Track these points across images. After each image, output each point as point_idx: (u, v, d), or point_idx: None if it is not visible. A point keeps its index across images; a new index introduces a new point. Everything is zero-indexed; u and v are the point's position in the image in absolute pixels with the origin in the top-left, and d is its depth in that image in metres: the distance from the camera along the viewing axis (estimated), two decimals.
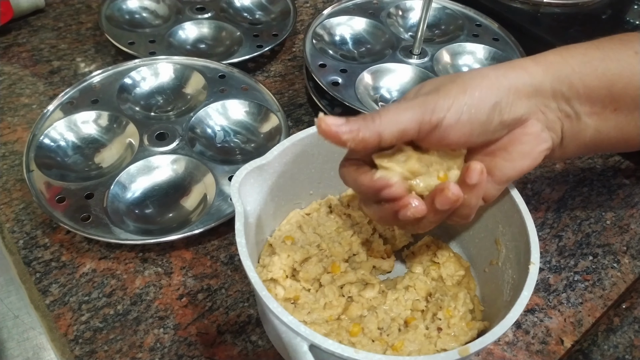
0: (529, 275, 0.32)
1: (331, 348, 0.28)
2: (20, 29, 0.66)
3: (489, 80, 0.32)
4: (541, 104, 0.34)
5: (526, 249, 0.34)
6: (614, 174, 0.55)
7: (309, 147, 0.40)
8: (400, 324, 0.38)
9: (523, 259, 0.34)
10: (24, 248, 0.44)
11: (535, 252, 0.33)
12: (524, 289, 0.32)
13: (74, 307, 0.41)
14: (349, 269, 0.41)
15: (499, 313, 0.35)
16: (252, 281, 0.31)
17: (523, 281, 0.32)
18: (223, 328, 0.40)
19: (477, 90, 0.32)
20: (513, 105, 0.32)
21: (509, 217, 0.37)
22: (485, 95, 0.32)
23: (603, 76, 0.34)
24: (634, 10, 0.69)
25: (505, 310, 0.31)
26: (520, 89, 0.33)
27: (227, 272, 0.44)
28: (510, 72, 0.33)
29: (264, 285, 0.31)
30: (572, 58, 0.34)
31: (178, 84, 0.56)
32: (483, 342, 0.29)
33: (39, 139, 0.48)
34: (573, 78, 0.33)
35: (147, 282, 0.43)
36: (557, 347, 0.41)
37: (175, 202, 0.46)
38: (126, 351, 0.38)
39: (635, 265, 0.47)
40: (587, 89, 0.34)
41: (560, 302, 0.44)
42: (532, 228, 0.35)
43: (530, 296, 0.43)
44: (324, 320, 0.38)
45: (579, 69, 0.34)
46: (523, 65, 0.34)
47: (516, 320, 0.30)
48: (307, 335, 0.28)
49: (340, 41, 0.62)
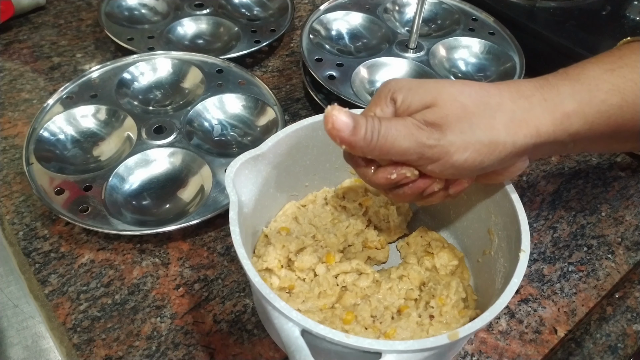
0: (519, 262, 0.33)
1: (322, 333, 0.28)
2: (21, 26, 0.67)
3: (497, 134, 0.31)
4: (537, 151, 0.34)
5: (517, 237, 0.34)
6: (609, 166, 0.55)
7: (303, 139, 0.41)
8: (393, 312, 0.38)
9: (514, 247, 0.35)
10: (24, 239, 0.45)
11: (525, 239, 0.34)
12: (514, 276, 0.32)
13: (72, 297, 0.41)
14: (343, 259, 0.41)
15: (491, 301, 0.35)
16: (245, 268, 0.31)
17: (513, 269, 0.33)
18: (219, 317, 0.41)
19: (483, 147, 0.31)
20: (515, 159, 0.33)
21: (501, 207, 0.37)
22: (491, 151, 0.31)
23: (608, 118, 0.33)
24: (634, 6, 0.69)
25: (497, 298, 0.32)
26: (525, 149, 0.32)
27: (223, 262, 0.44)
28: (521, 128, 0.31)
29: (258, 274, 0.31)
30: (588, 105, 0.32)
31: (176, 79, 0.56)
32: (472, 327, 0.29)
33: (38, 132, 0.49)
34: (582, 129, 0.32)
35: (144, 273, 0.43)
36: (550, 336, 0.41)
37: (172, 194, 0.47)
38: (123, 339, 0.39)
39: (629, 256, 0.47)
40: (590, 132, 0.33)
41: (554, 292, 0.44)
42: (523, 216, 0.35)
43: (524, 286, 0.44)
44: (318, 308, 0.38)
45: (592, 116, 0.32)
46: (535, 118, 0.32)
47: (507, 307, 0.31)
48: (298, 321, 0.29)
49: (336, 36, 0.63)
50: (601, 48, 0.59)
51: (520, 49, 0.59)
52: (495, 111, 0.31)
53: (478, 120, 0.31)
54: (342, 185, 0.46)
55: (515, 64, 0.58)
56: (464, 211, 0.42)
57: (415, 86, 0.33)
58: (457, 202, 0.43)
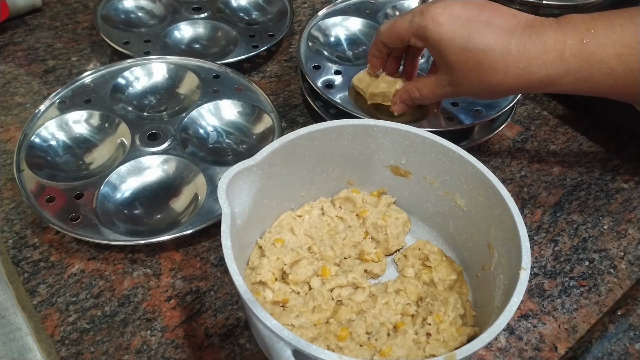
0: (519, 281, 0.32)
1: (314, 353, 0.28)
2: (17, 28, 0.66)
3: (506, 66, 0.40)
4: None
5: (517, 254, 0.33)
6: (612, 178, 0.54)
7: (299, 149, 0.40)
8: (389, 329, 0.37)
9: (514, 264, 0.34)
10: (13, 248, 0.44)
11: (526, 257, 0.33)
12: (514, 295, 0.31)
13: (61, 308, 0.40)
14: (339, 272, 0.40)
15: (490, 319, 0.34)
16: (236, 284, 0.30)
17: (513, 287, 0.32)
18: (211, 331, 0.40)
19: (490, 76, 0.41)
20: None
21: (501, 222, 0.37)
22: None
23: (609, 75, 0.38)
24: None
25: (495, 317, 0.31)
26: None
27: (216, 274, 0.43)
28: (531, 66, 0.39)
29: (251, 287, 0.30)
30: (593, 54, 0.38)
31: (172, 84, 0.56)
32: (470, 349, 0.29)
33: (30, 138, 0.48)
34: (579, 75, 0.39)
35: (135, 284, 0.42)
36: (550, 353, 0.40)
37: (165, 203, 0.46)
38: (112, 353, 0.38)
39: (632, 271, 0.46)
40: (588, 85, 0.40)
41: (555, 308, 0.43)
42: (524, 233, 0.34)
43: (525, 301, 0.43)
44: (312, 323, 0.37)
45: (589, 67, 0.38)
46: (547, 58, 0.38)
47: (506, 326, 0.30)
48: (290, 340, 0.28)
49: (335, 42, 0.62)
50: None
51: None
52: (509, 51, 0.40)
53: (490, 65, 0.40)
54: (338, 195, 0.45)
55: None
56: (464, 224, 0.41)
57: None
58: (456, 214, 0.42)
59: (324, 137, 0.40)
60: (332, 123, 0.40)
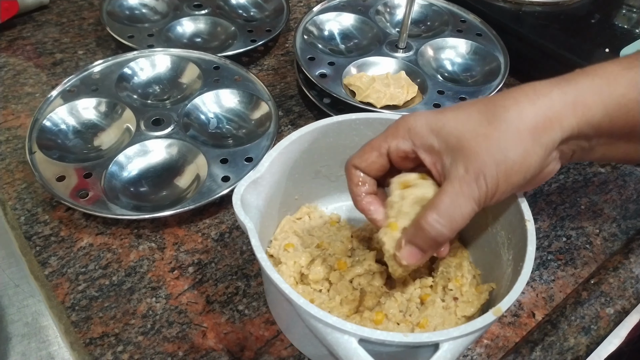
0: (528, 231, 0.34)
1: (381, 337, 0.29)
2: (25, 23, 0.69)
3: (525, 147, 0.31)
4: (563, 146, 0.34)
5: (517, 210, 0.36)
6: (590, 163, 0.57)
7: (292, 154, 0.41)
8: (417, 303, 0.38)
9: (515, 219, 0.36)
10: (25, 224, 0.46)
11: (526, 211, 0.36)
12: (528, 245, 0.34)
13: (71, 278, 0.43)
14: (354, 262, 0.41)
15: (503, 273, 0.37)
16: (292, 297, 0.30)
17: (524, 238, 0.34)
18: (212, 298, 0.43)
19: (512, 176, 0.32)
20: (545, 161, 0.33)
21: None
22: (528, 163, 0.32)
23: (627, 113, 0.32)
24: (622, 15, 0.71)
25: (514, 267, 0.34)
26: (552, 147, 0.32)
27: (217, 248, 0.46)
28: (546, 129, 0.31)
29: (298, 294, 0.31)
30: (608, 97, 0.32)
31: (174, 75, 0.59)
32: (511, 298, 0.31)
33: (41, 122, 0.51)
34: (603, 121, 0.32)
35: (141, 256, 0.45)
36: (528, 319, 0.43)
37: (169, 182, 0.49)
38: (120, 317, 0.41)
39: (606, 247, 0.49)
40: (612, 126, 0.33)
41: (533, 279, 0.46)
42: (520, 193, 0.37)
43: None
44: (345, 316, 0.38)
45: (612, 108, 0.32)
46: (558, 114, 0.32)
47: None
48: (355, 331, 0.29)
49: (329, 36, 0.65)
50: (583, 50, 0.62)
51: (506, 50, 0.62)
52: (518, 123, 0.32)
53: (505, 142, 0.31)
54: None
55: (500, 64, 0.60)
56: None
57: (435, 128, 0.33)
58: None
59: (312, 138, 0.41)
60: (317, 123, 0.41)
